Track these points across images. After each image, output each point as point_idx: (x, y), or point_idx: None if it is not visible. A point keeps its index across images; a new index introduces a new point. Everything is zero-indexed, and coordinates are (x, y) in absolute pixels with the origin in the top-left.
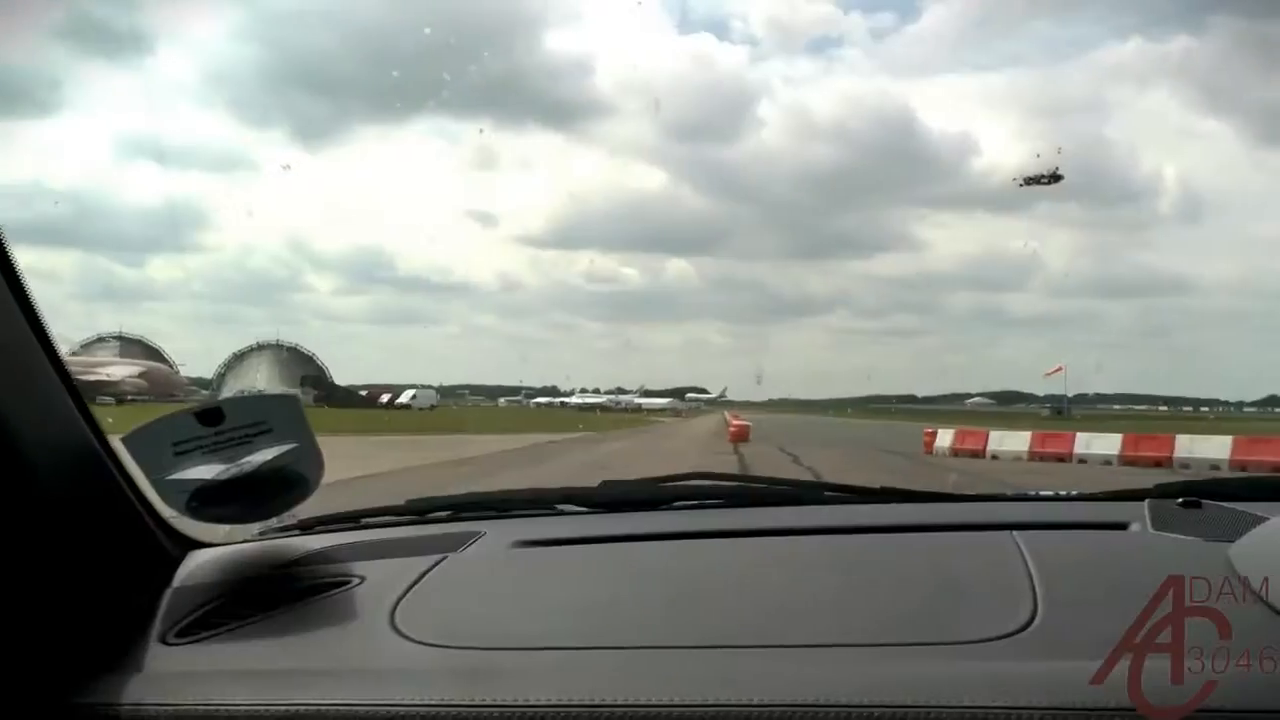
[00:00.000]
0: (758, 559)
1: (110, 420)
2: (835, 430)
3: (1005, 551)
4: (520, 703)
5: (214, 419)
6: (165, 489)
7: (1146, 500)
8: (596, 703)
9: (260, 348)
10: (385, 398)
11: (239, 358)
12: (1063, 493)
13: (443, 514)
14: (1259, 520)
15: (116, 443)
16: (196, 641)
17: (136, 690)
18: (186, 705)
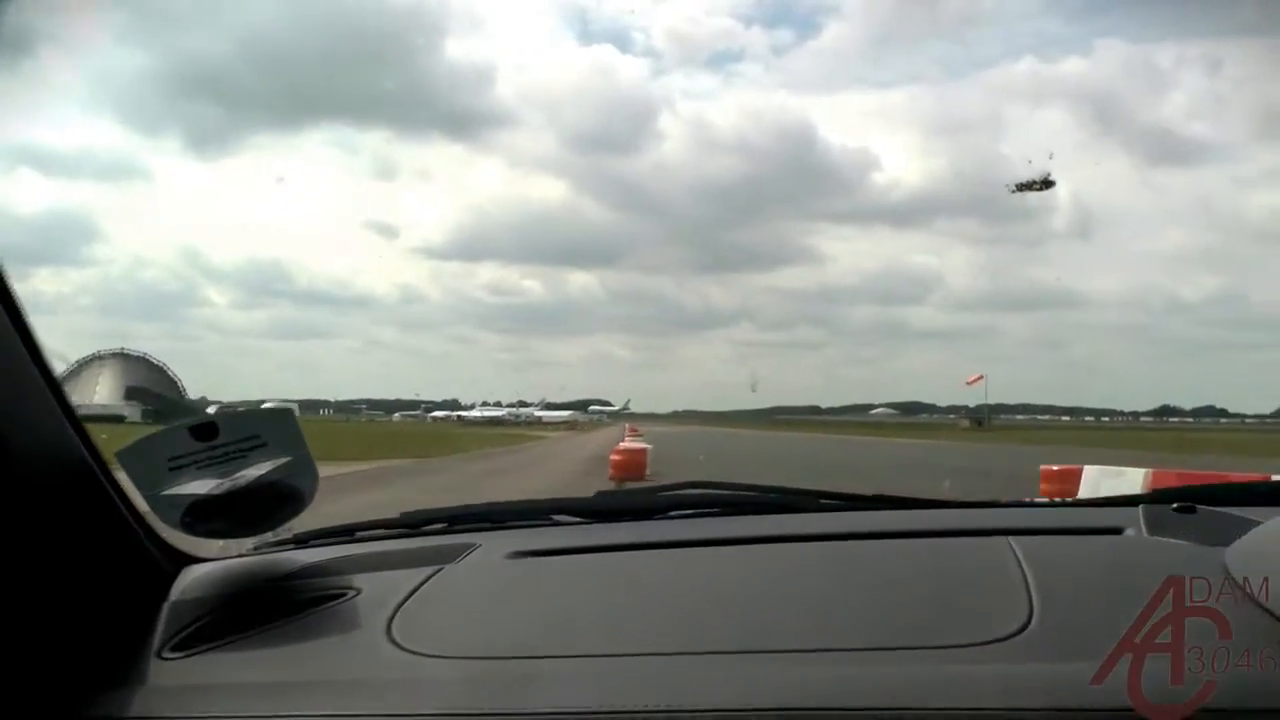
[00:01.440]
0: (754, 566)
1: (104, 437)
2: (776, 449)
3: (1001, 556)
4: (520, 712)
5: (208, 434)
6: (160, 504)
7: (1141, 506)
8: (596, 711)
9: (99, 358)
10: None
11: (77, 369)
12: (1058, 500)
13: (437, 526)
14: (1253, 525)
15: (111, 458)
16: (194, 655)
17: (135, 704)
18: (186, 719)
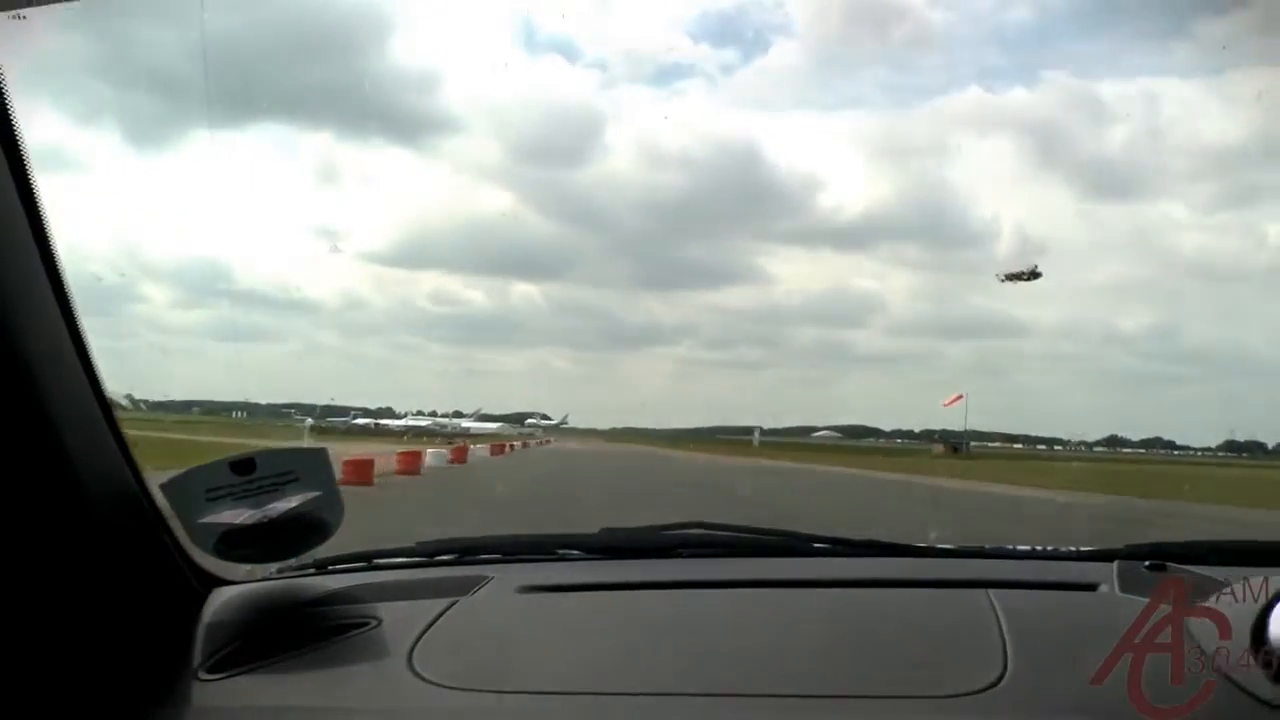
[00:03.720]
0: (751, 610)
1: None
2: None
3: (980, 609)
4: None
5: (246, 469)
6: (196, 531)
7: (1116, 562)
8: None
9: None
10: None
11: None
12: (1038, 549)
13: (450, 556)
14: (1220, 585)
15: (152, 483)
16: (228, 678)
17: None
18: None
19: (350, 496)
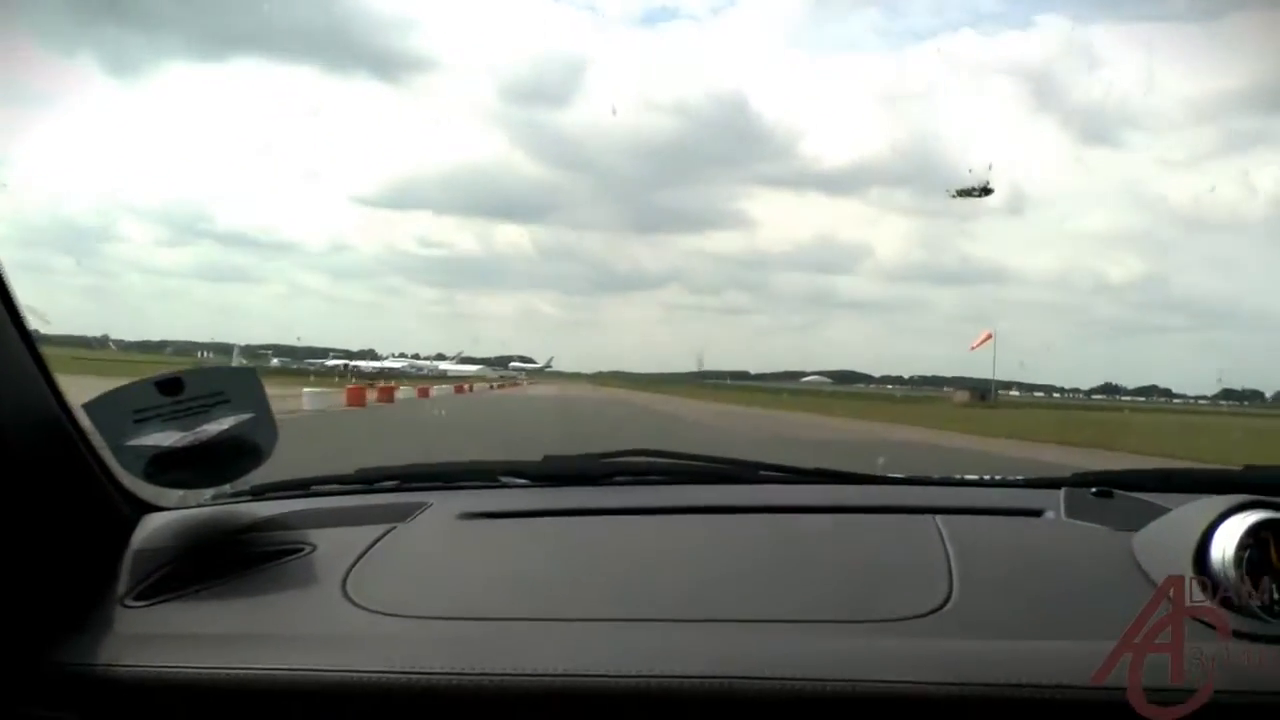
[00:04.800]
0: (695, 535)
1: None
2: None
3: (926, 534)
4: (469, 672)
5: (173, 389)
6: (123, 454)
7: (1063, 489)
8: (542, 673)
9: None
10: None
11: None
12: (986, 477)
13: (390, 483)
14: (1164, 511)
15: (76, 407)
16: (155, 604)
17: (101, 651)
18: (148, 668)
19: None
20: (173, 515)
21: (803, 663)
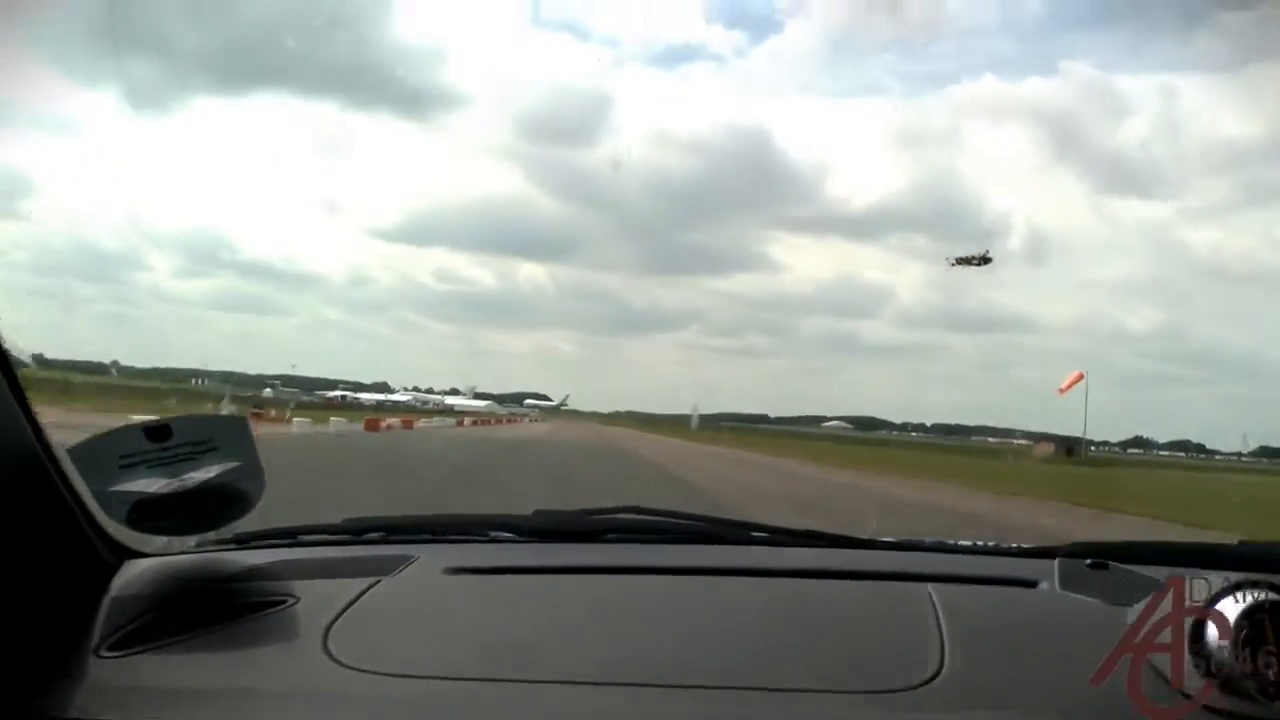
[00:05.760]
0: (684, 597)
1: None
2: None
3: (919, 603)
4: None
5: (161, 435)
6: (107, 499)
7: (1058, 559)
8: None
9: None
10: None
11: None
12: (979, 544)
13: (377, 535)
14: (1158, 585)
15: (60, 450)
16: (131, 655)
17: (71, 703)
18: None
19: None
20: (154, 562)
21: None
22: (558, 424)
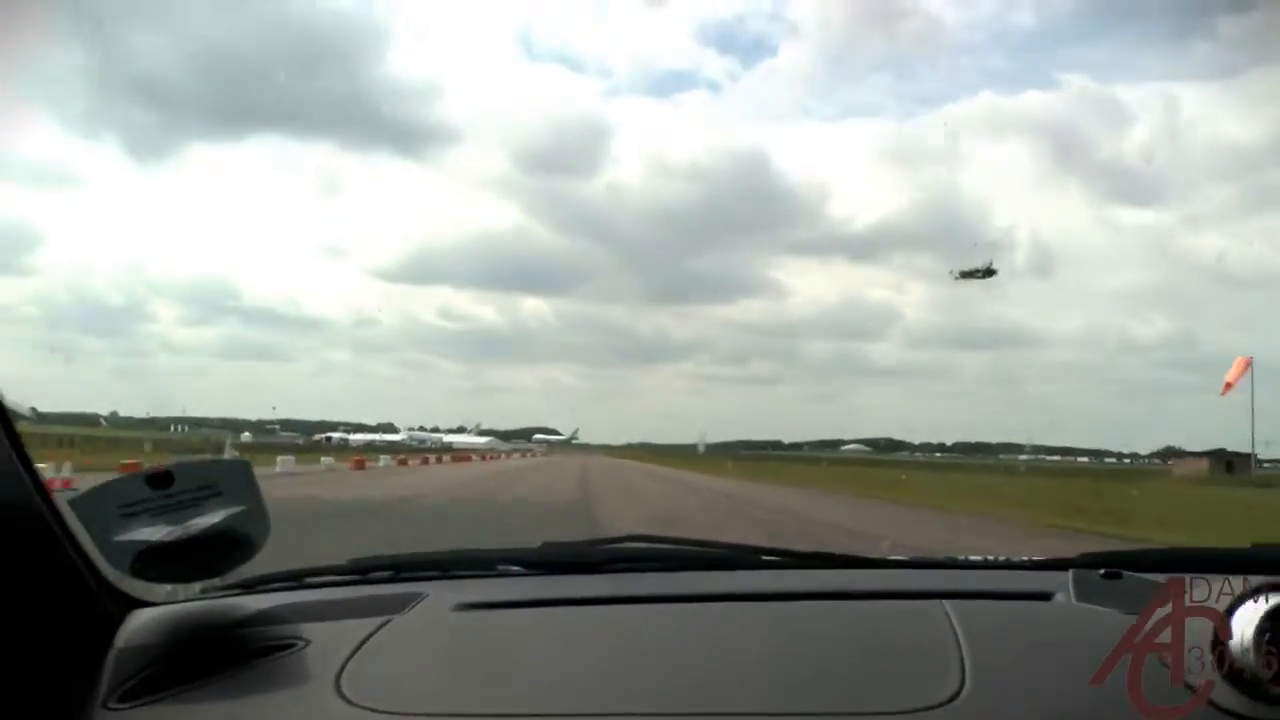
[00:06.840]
0: (695, 625)
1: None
2: None
3: (935, 620)
4: None
5: (164, 483)
6: (111, 550)
7: (1071, 570)
8: None
9: None
10: None
11: None
12: (991, 558)
13: (384, 574)
14: None
15: (60, 501)
16: (139, 706)
17: None
18: None
19: None
20: (160, 611)
21: None
22: (552, 459)
